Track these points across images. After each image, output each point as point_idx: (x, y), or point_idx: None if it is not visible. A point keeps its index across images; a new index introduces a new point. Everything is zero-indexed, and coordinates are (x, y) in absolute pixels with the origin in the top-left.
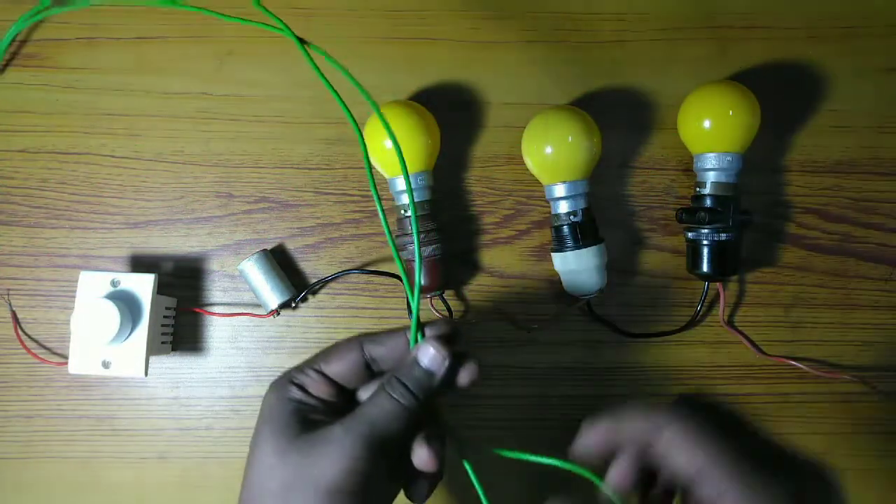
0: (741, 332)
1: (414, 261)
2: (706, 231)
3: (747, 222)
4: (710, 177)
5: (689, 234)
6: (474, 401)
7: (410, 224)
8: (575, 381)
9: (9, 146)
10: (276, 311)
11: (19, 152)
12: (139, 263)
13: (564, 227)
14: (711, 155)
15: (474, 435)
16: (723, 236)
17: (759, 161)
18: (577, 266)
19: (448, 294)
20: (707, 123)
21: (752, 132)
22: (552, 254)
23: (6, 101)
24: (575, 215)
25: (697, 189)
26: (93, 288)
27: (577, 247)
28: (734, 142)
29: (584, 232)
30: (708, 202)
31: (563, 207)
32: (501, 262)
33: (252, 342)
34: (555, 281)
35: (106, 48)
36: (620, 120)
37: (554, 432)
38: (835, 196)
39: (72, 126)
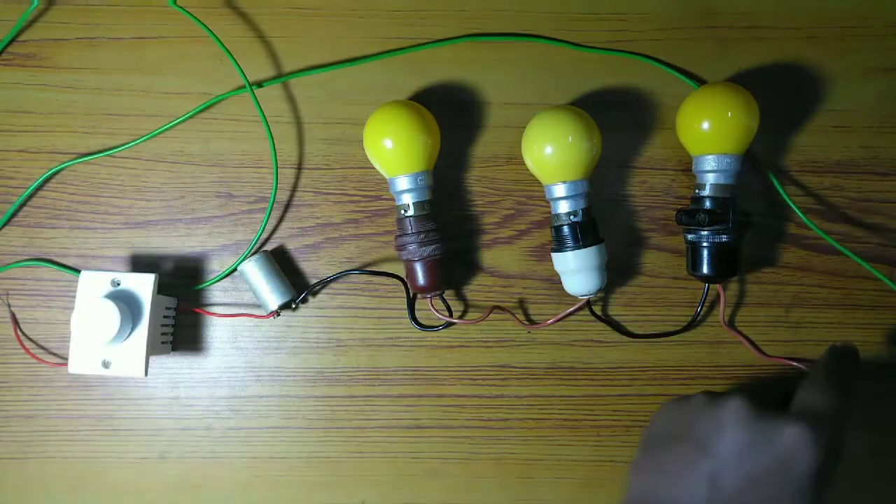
0: (741, 333)
1: (413, 261)
2: (706, 233)
3: (747, 223)
4: (710, 178)
5: (689, 236)
6: (474, 401)
7: (410, 224)
8: (575, 381)
9: (9, 146)
10: (277, 312)
11: (19, 152)
12: (139, 263)
13: (564, 227)
14: (711, 157)
15: (472, 436)
16: (723, 238)
17: (759, 161)
18: (576, 266)
19: (448, 294)
20: (706, 125)
21: (751, 133)
22: (552, 254)
23: (7, 101)
24: (575, 215)
25: (697, 191)
26: (93, 288)
27: (577, 247)
28: (733, 143)
29: (584, 232)
30: (707, 204)
31: (563, 207)
32: (501, 262)
33: (252, 342)
34: (555, 281)
35: (105, 48)
36: (620, 120)
37: (554, 432)
38: (835, 196)
39: (72, 126)
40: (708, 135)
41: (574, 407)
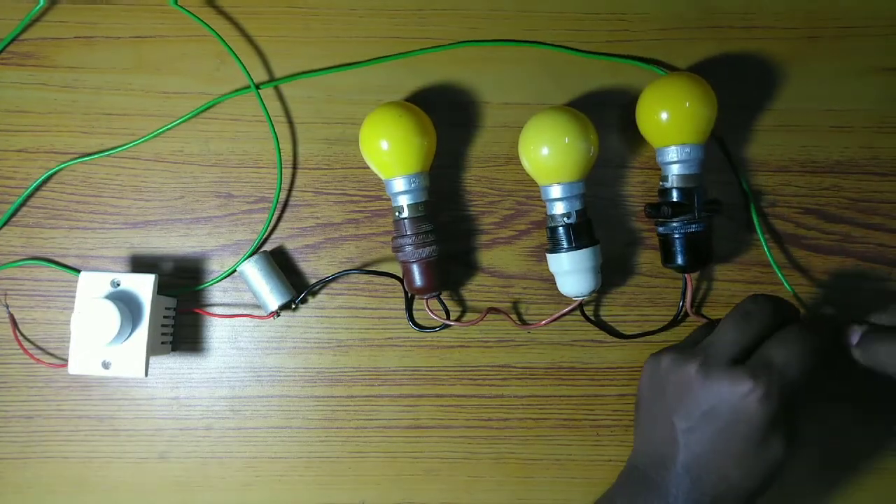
0: (706, 317)
1: (410, 262)
2: (675, 224)
3: (715, 211)
4: (673, 169)
5: (660, 229)
6: (474, 401)
7: (406, 225)
8: (574, 381)
9: (7, 146)
10: (277, 313)
11: (18, 152)
12: (139, 263)
13: (559, 228)
14: (672, 148)
15: (472, 436)
16: (692, 227)
17: (758, 161)
18: (570, 267)
19: (447, 294)
20: (664, 116)
21: (710, 123)
22: (547, 255)
23: (5, 101)
24: (569, 217)
25: (661, 182)
26: (93, 288)
27: (571, 248)
28: (693, 133)
29: (577, 233)
30: (673, 195)
31: (558, 209)
32: (501, 263)
33: (252, 342)
34: (554, 281)
35: (104, 47)
36: (619, 120)
37: (553, 432)
38: (835, 196)
39: (70, 126)
40: (667, 126)
41: (573, 407)
